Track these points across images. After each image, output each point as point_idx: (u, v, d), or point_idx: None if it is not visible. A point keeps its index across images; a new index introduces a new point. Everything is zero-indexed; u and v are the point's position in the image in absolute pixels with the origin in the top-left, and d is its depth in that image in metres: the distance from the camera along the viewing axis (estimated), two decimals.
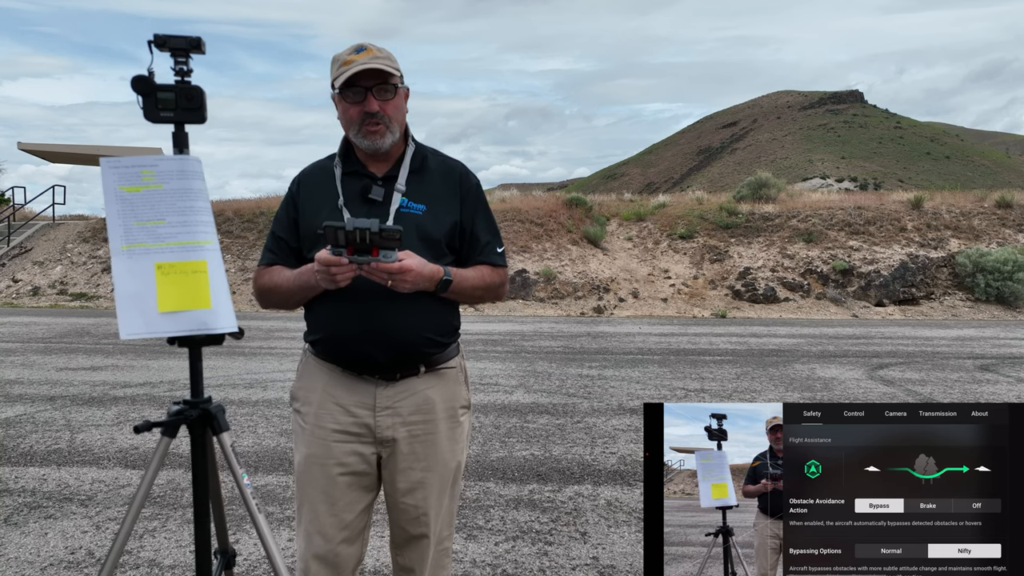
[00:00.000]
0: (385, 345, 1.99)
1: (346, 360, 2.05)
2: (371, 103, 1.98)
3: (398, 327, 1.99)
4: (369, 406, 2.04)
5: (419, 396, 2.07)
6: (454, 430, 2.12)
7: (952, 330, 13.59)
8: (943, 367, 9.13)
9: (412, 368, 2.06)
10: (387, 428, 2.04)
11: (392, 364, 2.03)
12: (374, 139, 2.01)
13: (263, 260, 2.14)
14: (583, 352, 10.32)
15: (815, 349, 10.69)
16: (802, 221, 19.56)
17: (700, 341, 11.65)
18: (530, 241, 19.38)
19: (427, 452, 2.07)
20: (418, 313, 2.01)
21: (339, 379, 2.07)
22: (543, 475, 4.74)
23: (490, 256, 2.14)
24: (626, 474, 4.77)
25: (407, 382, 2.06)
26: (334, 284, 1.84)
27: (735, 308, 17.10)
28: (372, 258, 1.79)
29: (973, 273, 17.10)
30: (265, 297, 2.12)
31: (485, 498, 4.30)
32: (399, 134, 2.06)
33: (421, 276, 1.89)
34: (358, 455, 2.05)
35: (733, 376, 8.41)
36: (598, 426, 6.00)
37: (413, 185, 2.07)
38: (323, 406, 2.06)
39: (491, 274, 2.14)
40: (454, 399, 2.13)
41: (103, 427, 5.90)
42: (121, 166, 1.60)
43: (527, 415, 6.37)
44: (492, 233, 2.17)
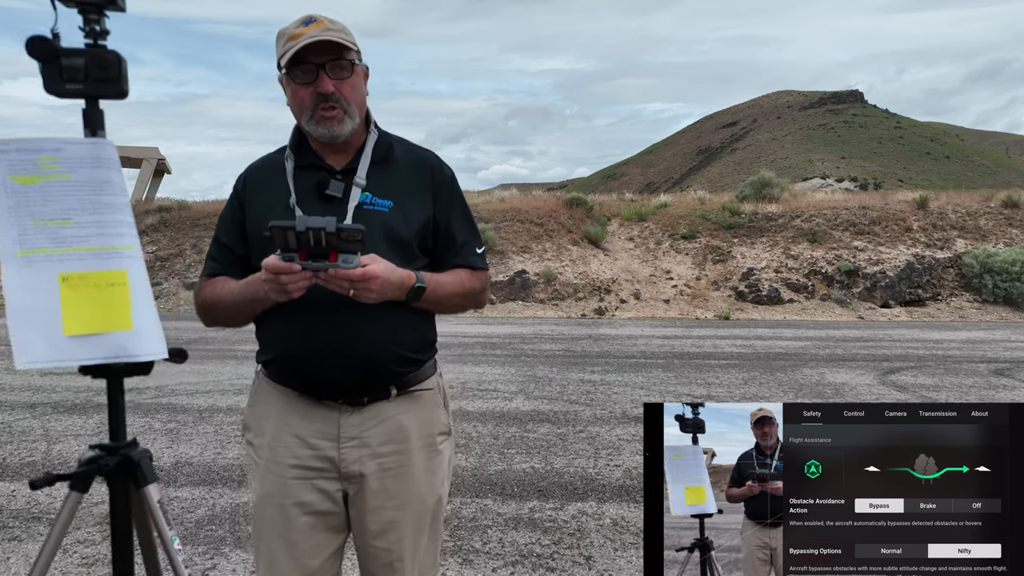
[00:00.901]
0: (349, 365, 1.71)
1: (303, 384, 1.77)
2: (324, 83, 1.69)
3: (364, 344, 1.71)
4: (332, 436, 1.76)
5: (390, 423, 1.79)
6: (432, 460, 1.84)
7: (961, 332, 13.32)
8: (956, 372, 8.85)
9: (381, 391, 1.78)
10: (353, 462, 1.76)
11: (358, 387, 1.75)
12: (330, 126, 1.72)
13: (205, 270, 1.85)
14: (585, 356, 10.05)
15: (823, 352, 10.41)
16: (806, 221, 19.28)
17: (704, 344, 11.37)
18: (530, 241, 19.10)
19: (401, 488, 1.78)
20: (387, 326, 1.73)
21: (296, 406, 1.78)
22: (544, 491, 4.47)
23: (469, 258, 1.86)
24: (632, 489, 4.49)
25: (376, 407, 1.78)
26: (285, 295, 1.55)
27: (738, 309, 16.82)
28: (329, 264, 1.51)
29: (980, 274, 16.82)
30: (208, 313, 1.82)
31: (483, 517, 4.03)
32: (359, 120, 1.78)
33: (389, 283, 1.62)
34: (321, 492, 1.76)
35: (740, 381, 8.14)
36: (601, 436, 5.72)
37: (377, 178, 1.79)
38: (278, 437, 1.78)
39: (470, 278, 1.86)
40: (431, 425, 1.85)
41: (82, 437, 5.62)
42: (11, 150, 1.29)
43: (527, 424, 6.09)
44: (470, 232, 1.89)
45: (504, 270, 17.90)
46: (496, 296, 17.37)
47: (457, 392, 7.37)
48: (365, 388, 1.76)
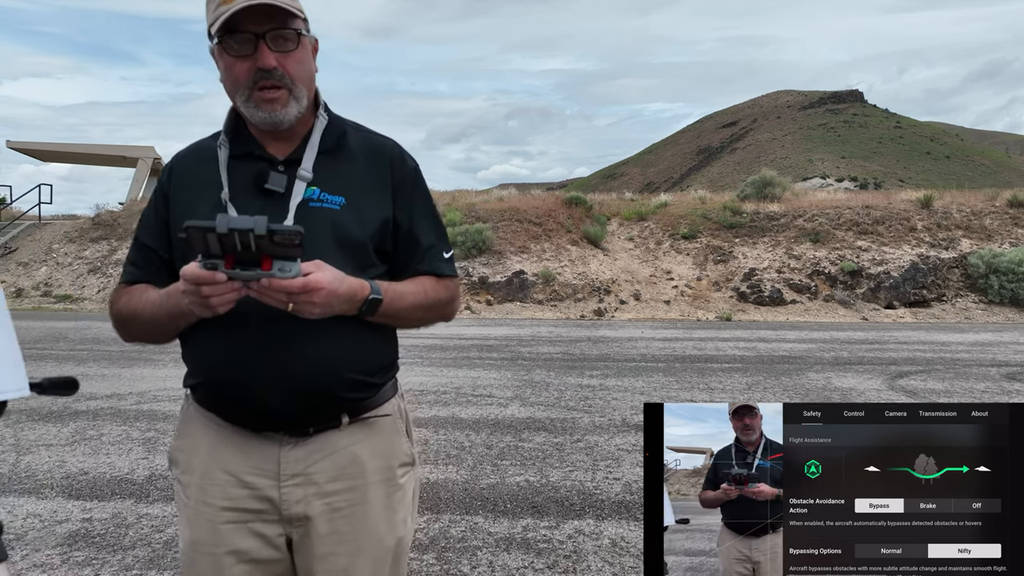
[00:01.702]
0: (289, 392, 1.44)
1: (236, 413, 1.50)
2: (264, 56, 1.42)
3: (307, 367, 1.44)
4: (271, 473, 1.49)
5: (341, 456, 1.52)
6: (391, 497, 1.57)
7: (968, 334, 13.04)
8: (966, 376, 8.58)
9: (330, 419, 1.51)
10: (297, 502, 1.49)
11: (301, 416, 1.48)
12: (271, 109, 1.45)
13: (123, 277, 1.58)
14: (583, 359, 9.77)
15: (828, 355, 10.14)
16: (808, 220, 19.01)
17: (706, 346, 11.09)
18: (528, 241, 18.82)
19: (355, 530, 1.52)
20: (337, 345, 1.46)
21: (229, 438, 1.51)
22: (539, 507, 4.19)
23: (434, 264, 1.59)
24: (632, 506, 4.21)
25: (324, 438, 1.51)
26: (209, 310, 1.28)
27: (740, 311, 16.55)
28: (262, 272, 1.24)
29: (986, 274, 16.54)
30: (124, 327, 1.54)
31: (472, 537, 3.75)
32: (306, 101, 1.50)
33: (336, 295, 1.35)
34: (260, 538, 1.50)
35: (744, 386, 7.87)
36: (600, 445, 5.45)
37: (326, 170, 1.52)
38: (208, 475, 1.51)
39: (436, 288, 1.58)
40: (391, 455, 1.58)
41: (54, 447, 5.35)
42: None
43: (522, 432, 5.82)
44: (437, 234, 1.62)
45: (502, 270, 17.63)
46: (494, 297, 17.10)
47: (451, 398, 7.10)
48: (310, 417, 1.49)
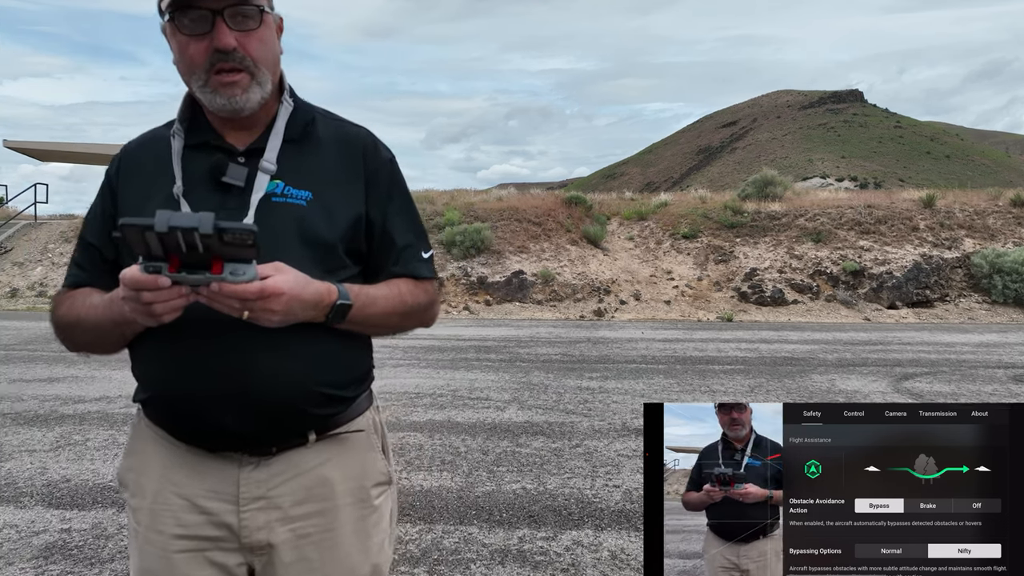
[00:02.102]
0: (246, 409, 1.29)
1: (188, 431, 1.35)
2: (222, 35, 1.27)
3: (267, 379, 1.29)
4: (229, 497, 1.34)
5: (309, 477, 1.37)
6: (366, 520, 1.43)
7: (972, 335, 12.88)
8: (973, 378, 8.42)
9: (296, 437, 1.36)
10: (259, 528, 1.34)
11: (261, 435, 1.33)
12: (231, 93, 1.30)
13: (66, 280, 1.42)
14: (583, 360, 9.62)
15: (831, 357, 9.98)
16: (810, 220, 18.85)
17: (707, 347, 10.94)
18: (527, 241, 18.66)
19: (325, 557, 1.38)
20: (301, 355, 1.31)
21: (183, 458, 1.36)
22: (536, 516, 4.04)
23: (411, 265, 1.45)
24: (632, 515, 4.06)
25: (289, 457, 1.37)
26: (153, 318, 1.13)
27: (741, 311, 16.39)
28: (212, 276, 1.09)
29: (990, 274, 16.38)
30: (67, 335, 1.39)
31: (466, 549, 3.60)
32: (270, 86, 1.36)
33: (298, 301, 1.20)
34: (217, 567, 1.35)
35: (746, 389, 7.71)
36: (599, 451, 5.29)
37: (292, 162, 1.37)
38: (160, 498, 1.36)
39: (414, 291, 1.44)
40: (364, 475, 1.44)
41: (37, 453, 5.19)
42: None
43: (520, 437, 5.66)
44: (414, 232, 1.47)
45: (501, 270, 17.47)
46: (493, 297, 16.94)
47: (447, 401, 6.94)
48: (272, 435, 1.34)
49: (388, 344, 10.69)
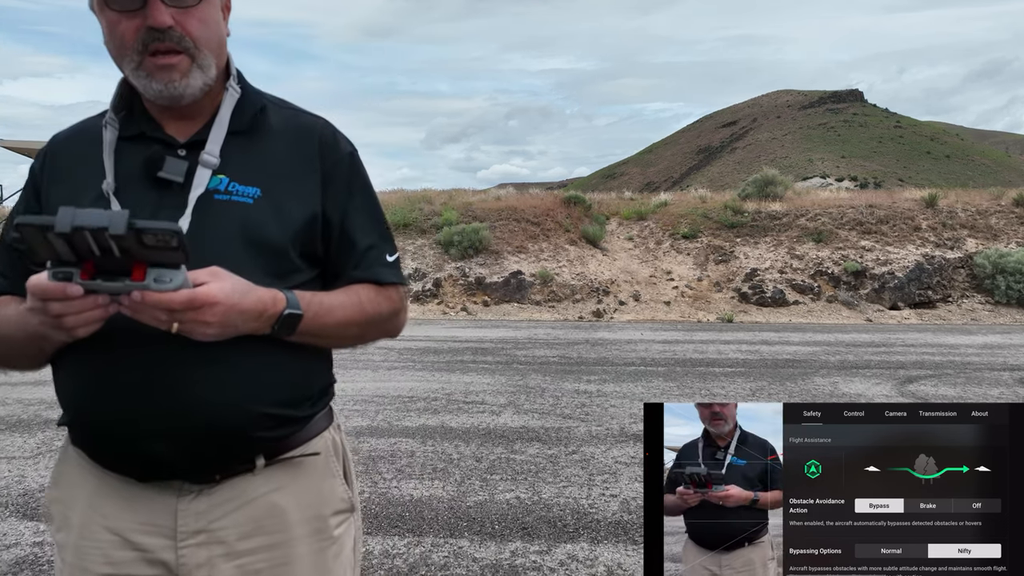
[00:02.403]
0: (181, 433, 1.14)
1: (112, 459, 1.20)
2: (157, 11, 1.13)
3: (204, 400, 1.14)
4: (166, 530, 1.19)
5: (257, 506, 1.22)
6: (324, 553, 1.28)
7: (976, 336, 12.72)
8: (979, 381, 8.26)
9: (241, 463, 1.21)
10: (200, 566, 1.19)
11: (199, 462, 1.18)
12: (167, 78, 1.16)
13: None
14: (581, 363, 9.46)
15: (834, 359, 9.82)
16: (811, 220, 18.69)
17: (708, 349, 10.78)
18: (526, 241, 18.51)
19: None
20: (245, 372, 1.16)
21: (113, 486, 1.21)
22: (529, 528, 3.88)
23: (374, 269, 1.30)
24: (630, 527, 3.90)
25: (234, 485, 1.21)
26: (66, 333, 0.99)
27: (742, 312, 16.23)
28: (132, 284, 0.95)
29: (993, 275, 16.21)
30: None
31: (456, 564, 3.44)
32: (214, 71, 1.21)
33: (237, 311, 1.06)
34: None
35: (748, 392, 7.55)
36: (596, 458, 5.13)
37: (238, 155, 1.23)
38: (87, 532, 1.21)
39: (375, 299, 1.29)
40: (322, 503, 1.29)
41: (16, 460, 5.03)
42: None
43: (515, 443, 5.50)
44: (379, 233, 1.32)
45: (499, 271, 17.31)
46: (491, 298, 16.79)
47: (441, 405, 6.78)
48: (212, 463, 1.19)
49: (383, 346, 10.53)
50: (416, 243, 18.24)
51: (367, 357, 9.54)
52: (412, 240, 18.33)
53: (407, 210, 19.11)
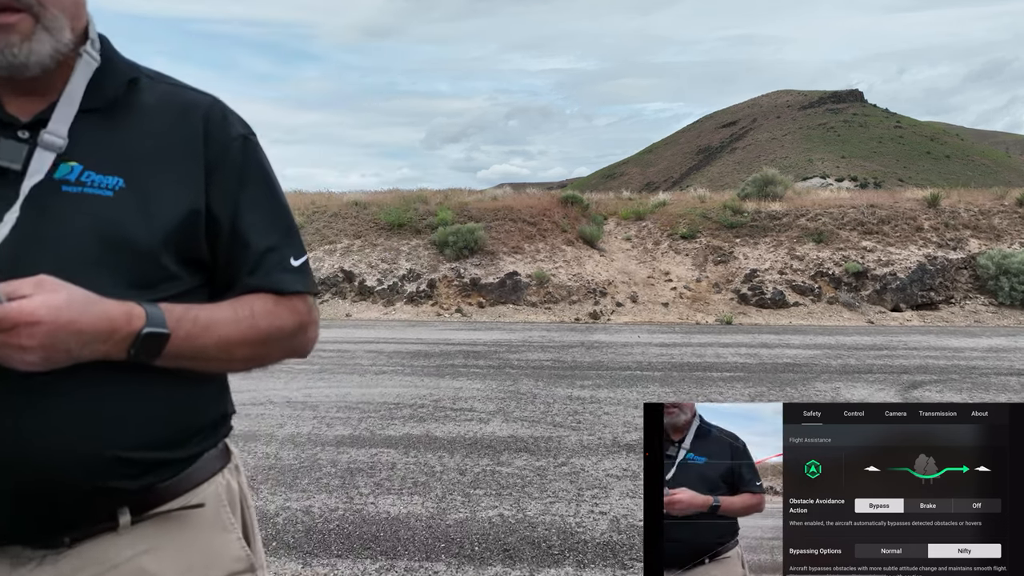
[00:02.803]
0: (3, 486, 0.90)
1: None
2: None
3: (35, 446, 0.90)
4: None
5: (122, 573, 0.98)
6: None
7: (980, 339, 12.46)
8: (985, 386, 8.00)
9: (98, 520, 0.97)
10: None
11: (37, 522, 0.94)
12: (4, 42, 0.93)
13: None
14: (575, 367, 9.20)
15: (835, 363, 9.56)
16: (811, 220, 18.43)
17: (706, 352, 10.52)
18: (522, 241, 18.25)
19: None
20: (88, 406, 0.92)
21: None
22: (511, 549, 3.62)
23: (273, 276, 1.06)
24: (619, 548, 3.64)
25: (92, 548, 0.97)
26: None
27: (741, 313, 15.97)
28: None
29: (996, 276, 15.95)
30: None
31: None
32: (67, 36, 0.98)
33: (71, 332, 0.84)
34: None
35: (746, 398, 7.29)
36: (586, 470, 4.88)
37: (94, 137, 0.99)
38: None
39: (274, 311, 1.05)
40: (208, 565, 1.05)
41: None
42: None
43: (501, 454, 5.25)
44: (280, 232, 1.08)
45: (494, 272, 17.05)
46: (486, 299, 16.52)
47: (428, 412, 6.52)
48: (52, 522, 0.94)
49: (372, 349, 10.27)
50: (411, 243, 17.99)
51: (354, 361, 9.29)
52: (407, 240, 18.08)
53: (402, 210, 18.86)
